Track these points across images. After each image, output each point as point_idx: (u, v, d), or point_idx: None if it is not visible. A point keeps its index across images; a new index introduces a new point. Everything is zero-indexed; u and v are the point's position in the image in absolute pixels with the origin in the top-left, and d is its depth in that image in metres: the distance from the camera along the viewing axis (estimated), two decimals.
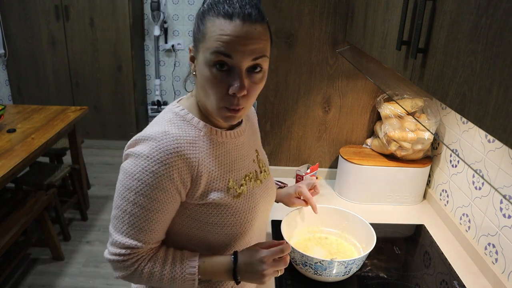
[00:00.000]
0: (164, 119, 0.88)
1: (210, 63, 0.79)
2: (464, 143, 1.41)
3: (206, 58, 0.79)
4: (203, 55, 0.80)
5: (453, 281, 1.23)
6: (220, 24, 0.77)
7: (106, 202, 3.33)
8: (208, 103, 0.85)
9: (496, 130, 0.60)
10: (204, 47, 0.80)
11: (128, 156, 0.84)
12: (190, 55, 0.88)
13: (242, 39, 0.77)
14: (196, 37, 0.83)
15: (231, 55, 0.77)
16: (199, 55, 0.82)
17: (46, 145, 2.41)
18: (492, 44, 0.61)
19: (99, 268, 2.60)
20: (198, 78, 0.85)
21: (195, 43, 0.84)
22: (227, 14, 0.78)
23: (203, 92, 0.84)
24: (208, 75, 0.80)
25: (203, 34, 0.80)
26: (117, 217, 0.85)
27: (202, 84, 0.83)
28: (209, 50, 0.78)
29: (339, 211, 1.32)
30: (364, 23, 1.32)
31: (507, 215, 1.17)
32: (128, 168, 0.82)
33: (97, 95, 4.17)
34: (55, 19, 3.91)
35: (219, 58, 0.78)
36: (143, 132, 0.85)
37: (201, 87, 0.84)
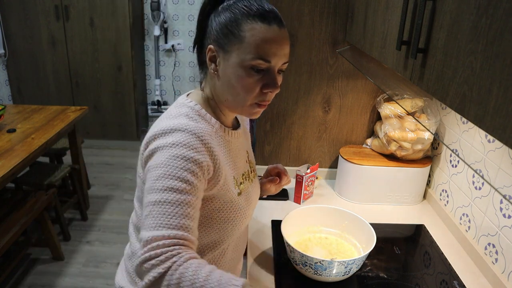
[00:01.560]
0: (180, 113, 0.88)
1: (248, 66, 0.83)
2: (464, 143, 1.41)
3: (243, 61, 0.83)
4: (239, 57, 0.83)
5: (453, 281, 1.23)
6: (261, 29, 0.82)
7: (106, 202, 3.33)
8: (235, 100, 0.88)
9: (496, 130, 0.60)
10: (241, 50, 0.83)
11: (157, 150, 0.81)
12: (210, 55, 0.87)
13: (279, 44, 0.84)
14: (227, 38, 0.84)
15: (271, 60, 0.84)
16: (230, 56, 0.84)
17: (46, 145, 2.41)
18: (492, 44, 0.61)
19: (99, 268, 2.60)
20: (223, 77, 0.87)
21: (223, 44, 0.85)
22: (265, 19, 0.83)
23: (229, 90, 0.87)
24: (243, 76, 0.84)
25: (240, 37, 0.83)
26: (157, 213, 0.76)
27: (231, 83, 0.85)
28: (249, 55, 0.82)
29: (339, 211, 1.32)
30: (364, 23, 1.32)
31: (507, 215, 1.17)
32: (162, 160, 0.79)
33: (97, 95, 4.17)
34: (55, 19, 3.91)
35: (258, 62, 0.83)
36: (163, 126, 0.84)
37: (227, 85, 0.87)
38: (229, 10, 0.85)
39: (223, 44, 0.85)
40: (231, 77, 0.85)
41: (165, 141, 0.81)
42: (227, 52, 0.84)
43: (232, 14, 0.84)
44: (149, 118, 4.60)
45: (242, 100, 0.87)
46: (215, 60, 0.87)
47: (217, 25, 0.86)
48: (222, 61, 0.86)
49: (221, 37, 0.85)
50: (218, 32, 0.85)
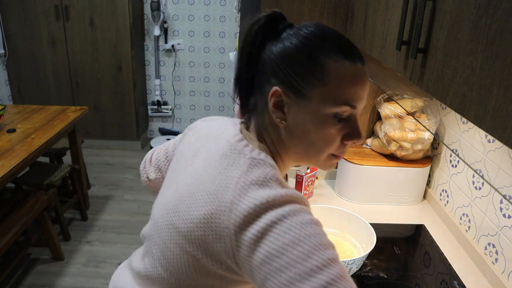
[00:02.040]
0: (268, 176, 0.67)
1: (330, 114, 0.68)
2: (464, 143, 1.41)
3: (324, 108, 0.68)
4: (319, 104, 0.68)
5: (453, 281, 1.23)
6: (347, 69, 0.68)
7: (106, 202, 3.33)
8: (308, 153, 0.73)
9: (496, 130, 0.60)
10: (323, 95, 0.68)
11: (275, 225, 0.62)
12: (275, 100, 0.71)
13: (365, 85, 0.70)
14: (304, 80, 0.68)
15: (356, 105, 0.69)
16: (306, 101, 0.69)
17: (46, 145, 2.41)
18: (492, 44, 0.61)
19: (99, 268, 2.60)
20: (294, 127, 0.71)
21: (297, 86, 0.69)
22: (351, 56, 0.68)
23: (303, 141, 0.72)
24: (324, 126, 0.69)
25: (322, 79, 0.67)
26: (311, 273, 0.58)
27: (306, 133, 0.70)
28: (333, 101, 0.67)
29: (339, 211, 1.32)
30: (364, 23, 1.32)
31: (507, 215, 1.17)
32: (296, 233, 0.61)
33: (97, 95, 4.17)
34: (55, 19, 3.91)
35: (344, 110, 0.68)
36: (261, 198, 0.64)
37: (300, 136, 0.71)
38: (300, 41, 0.69)
39: (298, 87, 0.68)
40: (307, 127, 0.70)
41: (281, 212, 0.63)
42: (303, 97, 0.68)
43: (307, 48, 0.68)
44: (149, 118, 4.60)
45: (319, 153, 0.72)
46: (282, 106, 0.71)
47: (285, 61, 0.69)
48: (293, 108, 0.70)
49: (293, 77, 0.68)
50: (288, 71, 0.69)
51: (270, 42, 0.72)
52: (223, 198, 0.66)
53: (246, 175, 0.67)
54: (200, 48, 4.29)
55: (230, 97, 4.42)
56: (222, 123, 0.83)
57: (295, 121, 0.71)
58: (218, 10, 4.13)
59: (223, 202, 0.66)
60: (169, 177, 0.84)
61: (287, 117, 0.71)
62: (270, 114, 0.72)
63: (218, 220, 0.65)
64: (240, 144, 0.72)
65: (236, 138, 0.74)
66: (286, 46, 0.70)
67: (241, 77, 0.76)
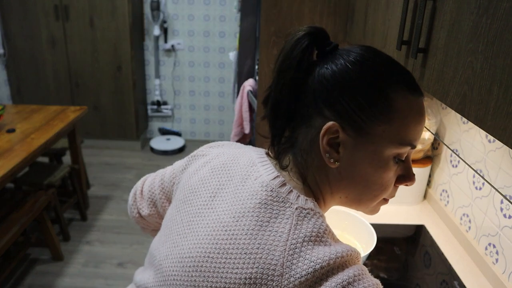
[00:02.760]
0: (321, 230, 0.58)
1: (393, 155, 0.60)
2: (465, 143, 1.41)
3: (389, 148, 0.59)
4: (384, 143, 0.59)
5: (454, 281, 1.23)
6: (413, 105, 0.59)
7: (106, 202, 3.33)
8: (361, 197, 0.64)
9: (497, 130, 0.60)
10: (390, 133, 0.58)
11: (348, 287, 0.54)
12: (329, 137, 0.59)
13: (424, 123, 0.62)
14: (367, 115, 0.58)
15: (416, 145, 0.61)
16: (368, 140, 0.59)
17: (45, 145, 2.41)
18: (493, 44, 0.60)
19: (99, 268, 2.60)
20: (349, 168, 0.61)
21: (358, 122, 0.58)
22: (416, 91, 0.60)
23: (356, 184, 0.62)
24: (385, 168, 0.60)
25: (388, 114, 0.58)
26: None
27: (362, 176, 0.61)
28: (399, 140, 0.59)
29: (339, 211, 1.32)
30: (364, 23, 1.31)
31: (508, 215, 1.17)
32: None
33: (96, 95, 4.17)
34: (55, 19, 3.90)
35: (406, 150, 0.60)
36: (318, 258, 0.55)
37: (354, 178, 0.62)
38: (363, 69, 0.59)
39: (359, 122, 0.58)
40: (365, 169, 0.60)
41: (346, 277, 0.54)
42: (365, 135, 0.58)
43: (371, 77, 0.58)
44: (148, 118, 4.60)
45: (374, 198, 0.63)
46: (337, 144, 0.60)
47: (344, 91, 0.58)
48: (350, 146, 0.59)
49: (355, 111, 0.58)
50: (348, 103, 0.58)
51: (318, 66, 0.61)
52: (270, 260, 0.55)
53: (297, 230, 0.56)
54: (200, 48, 4.29)
55: (230, 98, 4.41)
56: (241, 154, 0.69)
57: (350, 162, 0.60)
58: (218, 10, 4.13)
59: (271, 265, 0.55)
60: (177, 220, 0.69)
61: (341, 157, 0.60)
62: (320, 152, 0.61)
63: (263, 287, 0.54)
64: (282, 190, 0.60)
65: (276, 182, 0.61)
66: (344, 72, 0.59)
67: (279, 106, 0.62)
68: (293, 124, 0.64)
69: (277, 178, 0.61)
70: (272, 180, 0.61)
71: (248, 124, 2.13)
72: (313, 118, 0.61)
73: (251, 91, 2.11)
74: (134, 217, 0.90)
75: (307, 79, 0.61)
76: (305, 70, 0.61)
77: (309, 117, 0.61)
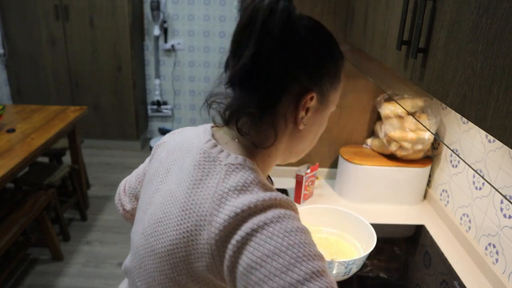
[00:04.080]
0: (249, 181, 0.62)
1: (329, 114, 0.75)
2: (465, 143, 1.41)
3: (331, 109, 0.74)
4: (332, 105, 0.73)
5: (454, 281, 1.23)
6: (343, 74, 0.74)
7: (105, 202, 3.33)
8: (304, 150, 0.76)
9: (497, 130, 0.60)
10: (336, 98, 0.73)
11: (256, 232, 0.57)
12: (306, 105, 0.67)
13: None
14: (331, 85, 0.70)
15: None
16: (326, 105, 0.71)
17: (45, 145, 2.41)
18: (493, 44, 0.60)
19: (99, 268, 2.60)
20: (311, 126, 0.71)
21: (325, 90, 0.69)
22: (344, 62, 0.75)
23: (307, 140, 0.74)
24: (324, 124, 0.75)
25: (339, 84, 0.72)
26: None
27: (314, 132, 0.73)
28: (336, 102, 0.74)
29: (339, 211, 1.32)
30: (364, 23, 1.31)
31: (508, 215, 1.17)
32: (278, 242, 0.56)
33: (96, 95, 4.17)
34: (55, 19, 3.90)
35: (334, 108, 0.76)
36: (241, 204, 0.59)
37: (308, 135, 0.73)
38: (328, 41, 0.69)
39: (325, 91, 0.69)
40: (316, 128, 0.73)
41: (263, 219, 0.57)
42: (325, 100, 0.70)
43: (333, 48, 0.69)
44: (148, 118, 4.60)
45: (309, 148, 0.76)
46: (307, 108, 0.68)
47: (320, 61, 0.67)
48: (313, 111, 0.69)
49: (325, 81, 0.68)
50: (321, 74, 0.67)
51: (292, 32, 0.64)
52: (201, 212, 0.61)
53: (224, 183, 0.62)
54: (200, 48, 4.29)
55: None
56: (191, 133, 0.75)
57: (311, 123, 0.70)
58: (218, 10, 4.13)
59: (202, 216, 0.60)
60: (143, 200, 0.76)
61: (308, 119, 0.69)
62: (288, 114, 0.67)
63: (198, 237, 0.60)
64: (213, 151, 0.66)
65: (208, 145, 0.67)
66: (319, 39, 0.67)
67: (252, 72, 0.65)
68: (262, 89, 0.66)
69: (210, 141, 0.68)
70: (205, 143, 0.68)
71: None
72: (291, 86, 0.66)
73: None
74: (121, 214, 0.96)
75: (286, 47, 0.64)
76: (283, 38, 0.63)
77: (285, 84, 0.65)
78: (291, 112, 0.67)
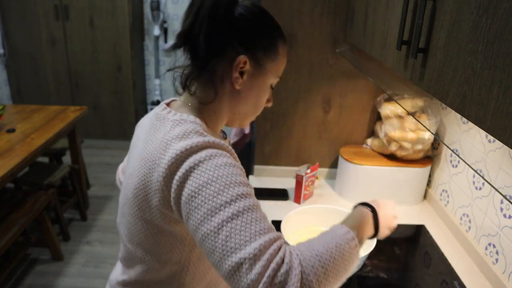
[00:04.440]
0: (188, 130, 0.76)
1: (271, 83, 0.86)
2: (465, 143, 1.41)
3: (271, 80, 0.85)
4: (271, 76, 0.84)
5: (454, 281, 1.23)
6: (285, 50, 0.86)
7: (106, 202, 3.33)
8: (247, 113, 0.87)
9: (497, 130, 0.60)
10: (274, 69, 0.84)
11: (194, 169, 0.70)
12: (239, 67, 0.80)
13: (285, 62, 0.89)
14: (265, 54, 0.81)
15: (281, 76, 0.88)
16: (262, 71, 0.83)
17: (45, 145, 2.41)
18: (493, 44, 0.60)
19: (99, 268, 2.60)
20: (246, 91, 0.83)
21: (258, 58, 0.81)
22: (286, 42, 0.87)
23: (246, 103, 0.85)
24: (266, 92, 0.86)
25: (276, 56, 0.83)
26: (241, 226, 0.65)
27: (253, 97, 0.85)
28: (278, 73, 0.86)
29: (339, 211, 1.32)
30: (364, 23, 1.31)
31: (508, 215, 1.17)
32: (210, 174, 0.69)
33: (96, 95, 4.17)
34: (55, 19, 3.91)
35: (277, 80, 0.87)
36: (181, 147, 0.72)
37: (246, 99, 0.84)
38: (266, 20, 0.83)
39: (259, 59, 0.81)
40: (255, 93, 0.84)
41: (198, 157, 0.71)
42: (260, 68, 0.82)
43: (268, 26, 0.83)
44: None
45: (253, 114, 0.88)
46: (242, 73, 0.81)
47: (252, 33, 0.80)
48: (250, 75, 0.82)
49: (258, 50, 0.81)
50: (254, 43, 0.80)
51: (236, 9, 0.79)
52: (152, 157, 0.76)
53: (169, 133, 0.76)
54: None
55: None
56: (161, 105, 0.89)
57: (248, 86, 0.83)
58: None
59: (152, 161, 0.76)
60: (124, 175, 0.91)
61: (244, 82, 0.82)
62: (228, 77, 0.81)
63: (151, 178, 0.75)
64: (163, 112, 0.82)
65: (160, 108, 0.84)
66: (252, 19, 0.80)
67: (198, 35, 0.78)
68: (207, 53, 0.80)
69: (162, 105, 0.85)
70: (158, 108, 0.85)
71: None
72: (227, 51, 0.79)
73: None
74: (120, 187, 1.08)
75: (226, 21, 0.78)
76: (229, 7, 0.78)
77: (222, 49, 0.79)
78: (228, 73, 0.81)
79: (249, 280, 0.61)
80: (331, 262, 0.66)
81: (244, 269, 0.61)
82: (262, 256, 0.62)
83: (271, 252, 0.62)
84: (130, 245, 0.86)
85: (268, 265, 0.61)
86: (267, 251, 0.62)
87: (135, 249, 0.84)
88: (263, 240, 0.63)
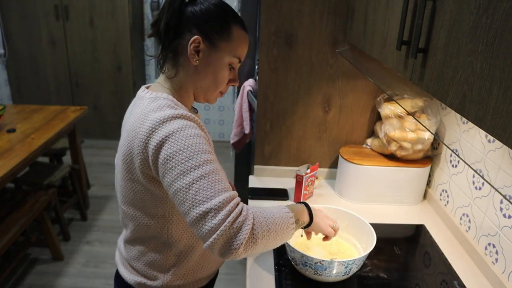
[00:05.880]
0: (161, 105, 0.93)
1: (228, 63, 0.97)
2: (464, 143, 1.41)
3: (227, 59, 0.97)
4: (225, 55, 0.96)
5: (453, 281, 1.23)
6: (243, 35, 0.98)
7: (106, 202, 3.33)
8: (207, 88, 1.00)
9: (496, 130, 0.60)
10: (228, 49, 0.96)
11: (168, 138, 0.86)
12: (194, 45, 0.94)
13: (247, 48, 1.01)
14: (217, 35, 0.94)
15: (242, 60, 1.01)
16: (216, 50, 0.95)
17: (46, 145, 2.41)
18: (493, 44, 0.61)
19: (99, 268, 2.60)
20: (203, 67, 0.96)
21: (212, 38, 0.94)
22: (245, 27, 0.99)
23: (205, 79, 0.98)
24: (223, 70, 0.98)
25: (229, 37, 0.95)
26: (207, 184, 0.83)
27: (210, 73, 0.97)
28: (233, 54, 0.97)
29: (339, 211, 1.32)
30: (364, 23, 1.32)
31: (507, 215, 1.17)
32: (182, 143, 0.85)
33: (97, 95, 4.17)
34: (55, 19, 3.91)
35: (236, 62, 0.99)
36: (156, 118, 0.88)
37: (205, 75, 0.97)
38: (218, 8, 0.95)
39: (212, 39, 0.94)
40: (212, 69, 0.97)
41: (171, 128, 0.87)
42: (214, 47, 0.95)
43: (223, 13, 0.95)
44: None
45: (214, 89, 1.00)
46: (198, 51, 0.95)
47: (207, 19, 0.94)
48: (205, 53, 0.95)
49: (210, 31, 0.94)
50: (208, 26, 0.94)
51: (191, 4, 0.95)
52: (133, 128, 0.92)
53: (146, 108, 0.93)
54: None
55: (230, 98, 4.41)
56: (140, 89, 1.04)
57: (204, 63, 0.96)
58: None
59: (133, 131, 0.92)
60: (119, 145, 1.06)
61: (200, 59, 0.95)
62: (187, 56, 0.94)
63: (133, 144, 0.91)
64: (142, 93, 0.99)
65: (141, 90, 1.01)
66: (207, 8, 0.94)
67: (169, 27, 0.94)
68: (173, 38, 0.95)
69: (142, 88, 1.02)
70: (139, 90, 1.02)
71: (248, 124, 2.13)
72: (186, 34, 0.94)
73: (251, 91, 2.11)
74: None
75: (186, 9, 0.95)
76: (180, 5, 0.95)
77: (183, 33, 0.94)
78: (185, 52, 0.95)
79: (213, 224, 0.80)
80: (273, 227, 0.88)
81: (210, 216, 0.80)
82: (224, 208, 0.81)
83: (232, 205, 0.82)
84: (124, 206, 1.03)
85: (229, 214, 0.81)
86: (228, 204, 0.82)
87: (128, 208, 1.02)
88: (225, 196, 0.82)
